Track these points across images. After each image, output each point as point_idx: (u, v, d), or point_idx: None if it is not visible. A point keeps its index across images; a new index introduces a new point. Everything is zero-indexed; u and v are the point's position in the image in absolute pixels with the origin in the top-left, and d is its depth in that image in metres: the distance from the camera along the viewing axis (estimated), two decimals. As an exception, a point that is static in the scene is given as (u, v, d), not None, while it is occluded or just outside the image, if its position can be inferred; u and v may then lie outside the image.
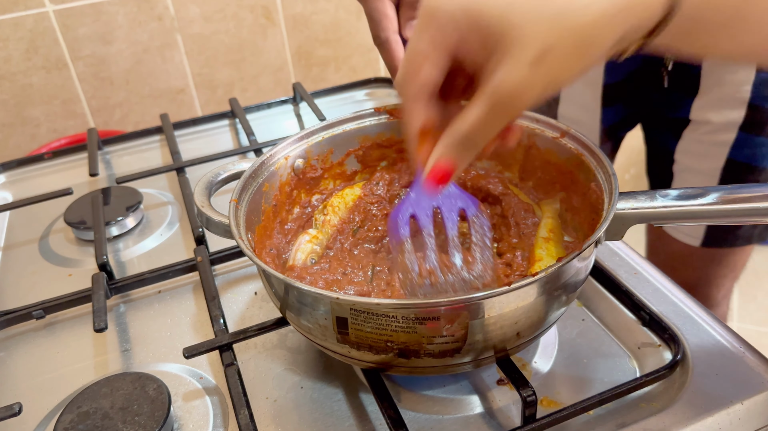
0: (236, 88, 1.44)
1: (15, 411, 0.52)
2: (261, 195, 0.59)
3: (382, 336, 0.46)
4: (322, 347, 0.52)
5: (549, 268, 0.45)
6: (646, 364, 0.56)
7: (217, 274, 0.70)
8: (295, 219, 0.64)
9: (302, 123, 1.02)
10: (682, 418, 0.50)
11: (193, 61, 1.37)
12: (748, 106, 0.76)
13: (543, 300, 0.47)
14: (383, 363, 0.50)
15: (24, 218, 0.85)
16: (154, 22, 1.30)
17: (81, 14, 1.25)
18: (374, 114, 0.66)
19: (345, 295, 0.45)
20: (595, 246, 0.51)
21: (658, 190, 0.52)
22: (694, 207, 0.50)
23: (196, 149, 0.96)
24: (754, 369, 0.53)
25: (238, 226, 0.54)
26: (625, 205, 0.51)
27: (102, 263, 0.68)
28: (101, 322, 0.60)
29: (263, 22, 1.38)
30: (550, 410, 0.51)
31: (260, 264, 0.48)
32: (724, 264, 0.95)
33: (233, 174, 0.62)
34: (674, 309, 0.60)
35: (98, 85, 1.33)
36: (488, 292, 0.43)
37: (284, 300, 0.51)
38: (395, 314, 0.45)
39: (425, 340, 0.46)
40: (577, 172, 0.59)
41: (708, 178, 0.84)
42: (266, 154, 0.61)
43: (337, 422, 0.53)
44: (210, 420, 0.54)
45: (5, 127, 1.29)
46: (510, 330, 0.47)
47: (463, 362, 0.49)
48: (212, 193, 0.61)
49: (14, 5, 1.20)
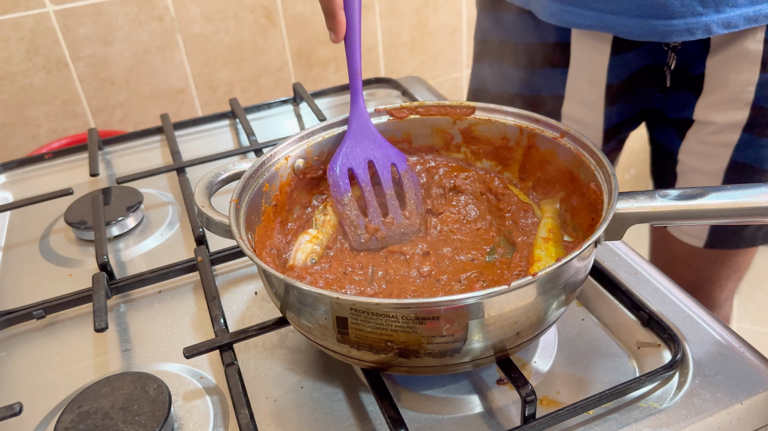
0: (236, 89, 1.44)
1: (15, 410, 0.52)
2: (261, 195, 0.60)
3: (382, 336, 0.46)
4: (322, 347, 0.52)
5: (548, 268, 0.45)
6: (646, 364, 0.56)
7: (218, 274, 0.71)
8: (296, 220, 0.64)
9: (302, 123, 1.02)
10: (682, 418, 0.50)
11: (193, 61, 1.37)
12: (752, 107, 0.76)
13: (543, 300, 0.47)
14: (383, 363, 0.50)
15: (24, 218, 0.85)
16: (155, 23, 1.30)
17: (81, 14, 1.25)
18: (374, 114, 0.66)
19: (345, 295, 0.45)
20: (595, 246, 0.52)
21: (657, 190, 0.52)
22: (694, 207, 0.50)
23: (196, 149, 0.96)
24: (754, 369, 0.53)
25: (239, 226, 0.54)
26: (624, 204, 0.51)
27: (102, 263, 0.68)
28: (102, 322, 0.60)
29: (263, 23, 1.38)
30: (550, 410, 0.51)
31: (261, 264, 0.48)
32: (727, 266, 0.95)
33: (233, 174, 0.62)
34: (674, 309, 0.60)
35: (99, 86, 1.33)
36: (488, 292, 0.44)
37: (284, 300, 0.51)
38: (395, 314, 0.45)
39: (425, 340, 0.46)
40: (576, 172, 0.59)
41: (712, 179, 0.84)
42: (266, 154, 0.61)
43: (337, 422, 0.53)
44: (210, 420, 0.54)
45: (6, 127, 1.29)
46: (510, 329, 0.47)
47: (464, 362, 0.49)
48: (212, 193, 0.61)
49: (15, 5, 1.20)
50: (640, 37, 0.72)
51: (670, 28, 0.70)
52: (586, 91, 0.84)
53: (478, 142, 0.67)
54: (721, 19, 0.69)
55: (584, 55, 0.81)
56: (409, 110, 0.67)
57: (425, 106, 0.67)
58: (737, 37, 0.73)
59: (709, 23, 0.69)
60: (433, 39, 1.62)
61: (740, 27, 0.69)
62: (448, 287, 0.57)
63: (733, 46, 0.73)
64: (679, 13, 0.69)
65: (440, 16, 1.59)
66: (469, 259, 0.60)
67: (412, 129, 0.67)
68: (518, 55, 0.87)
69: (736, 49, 0.74)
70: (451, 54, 1.67)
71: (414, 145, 0.68)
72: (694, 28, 0.70)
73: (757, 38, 0.72)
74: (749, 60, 0.73)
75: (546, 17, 0.78)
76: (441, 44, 1.64)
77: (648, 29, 0.71)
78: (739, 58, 0.74)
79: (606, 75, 0.81)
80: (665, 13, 0.69)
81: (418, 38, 1.60)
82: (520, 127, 0.63)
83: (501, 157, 0.67)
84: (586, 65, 0.82)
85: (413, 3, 1.54)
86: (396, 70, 1.60)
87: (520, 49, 0.86)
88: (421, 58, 1.63)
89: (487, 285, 0.56)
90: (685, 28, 0.70)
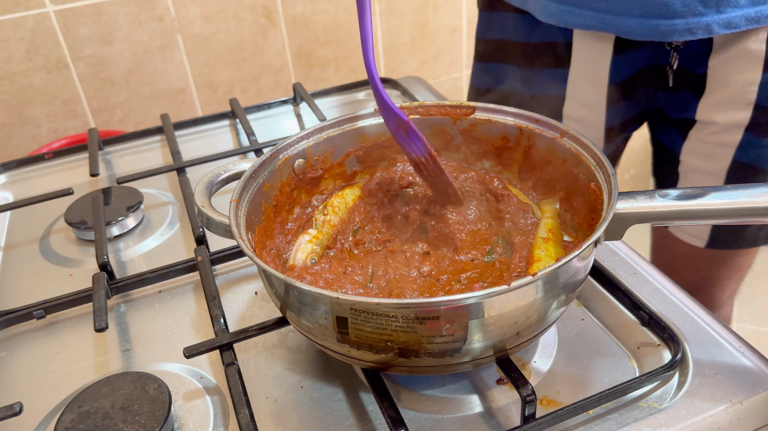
0: (236, 89, 1.44)
1: (16, 410, 0.52)
2: (261, 195, 0.60)
3: (382, 336, 0.46)
4: (322, 347, 0.52)
5: (548, 268, 0.45)
6: (646, 364, 0.56)
7: (218, 274, 0.71)
8: (296, 219, 0.64)
9: (302, 123, 1.02)
10: (682, 418, 0.50)
11: (193, 61, 1.37)
12: (754, 107, 0.76)
13: (542, 300, 0.47)
14: (383, 363, 0.50)
15: (25, 218, 0.85)
16: (155, 23, 1.30)
17: (81, 14, 1.25)
18: (374, 114, 0.66)
19: (345, 295, 0.45)
20: (595, 246, 0.52)
21: (657, 190, 0.52)
22: (694, 207, 0.50)
23: (196, 149, 0.96)
24: (753, 369, 0.53)
25: (239, 226, 0.54)
26: (624, 204, 0.51)
27: (102, 263, 0.69)
28: (102, 322, 0.60)
29: (263, 23, 1.38)
30: (550, 409, 0.51)
31: (261, 264, 0.48)
32: (728, 266, 0.95)
33: (234, 174, 0.62)
34: (674, 309, 0.60)
35: (99, 86, 1.33)
36: (488, 292, 0.44)
37: (284, 300, 0.51)
38: (395, 314, 0.45)
39: (425, 340, 0.46)
40: (576, 172, 0.59)
41: (714, 179, 0.84)
42: (266, 154, 0.61)
43: (337, 421, 0.53)
44: (210, 420, 0.54)
45: (6, 127, 1.29)
46: (509, 330, 0.47)
47: (464, 362, 0.49)
48: (213, 193, 0.61)
49: (15, 5, 1.20)
50: (641, 37, 0.72)
51: (671, 27, 0.70)
52: (588, 90, 0.84)
53: (478, 142, 0.67)
54: (723, 20, 0.69)
55: (586, 55, 0.81)
56: (409, 110, 0.67)
57: (425, 106, 0.67)
58: (740, 37, 0.73)
59: (711, 23, 0.69)
60: (433, 39, 1.62)
61: (741, 27, 0.69)
62: (447, 287, 0.57)
63: (736, 46, 0.73)
64: (680, 13, 0.69)
65: (440, 16, 1.59)
66: (469, 259, 0.60)
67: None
68: (519, 55, 0.87)
69: (738, 49, 0.74)
70: (451, 54, 1.67)
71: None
72: (695, 28, 0.70)
73: (759, 38, 0.72)
74: (752, 60, 0.73)
75: (545, 17, 0.77)
76: (441, 44, 1.64)
77: (649, 29, 0.71)
78: (741, 58, 0.74)
79: (608, 75, 0.81)
80: (666, 12, 0.69)
81: (418, 38, 1.60)
82: (519, 127, 0.63)
83: (501, 157, 0.67)
84: (588, 65, 0.82)
85: (413, 3, 1.54)
86: (396, 70, 1.60)
87: (521, 48, 0.86)
88: (421, 58, 1.63)
89: (487, 285, 0.56)
90: (686, 28, 0.70)
